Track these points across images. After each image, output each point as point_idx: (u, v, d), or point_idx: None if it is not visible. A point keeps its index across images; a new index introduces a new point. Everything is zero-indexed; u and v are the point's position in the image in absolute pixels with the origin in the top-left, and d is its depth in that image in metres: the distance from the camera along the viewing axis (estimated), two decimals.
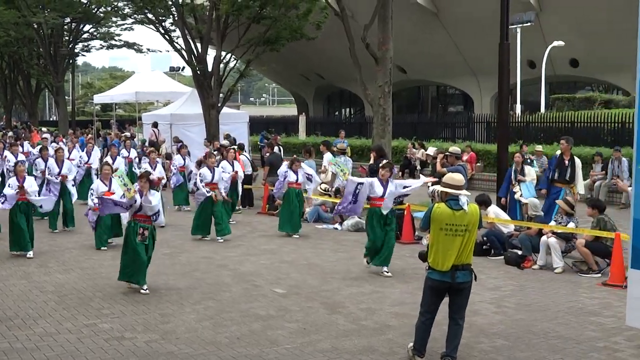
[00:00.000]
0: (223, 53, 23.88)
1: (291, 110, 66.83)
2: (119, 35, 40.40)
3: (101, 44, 41.44)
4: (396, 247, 10.76)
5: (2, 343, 7.19)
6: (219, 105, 23.84)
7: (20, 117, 62.88)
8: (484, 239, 11.75)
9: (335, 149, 17.93)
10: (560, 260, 10.58)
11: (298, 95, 56.62)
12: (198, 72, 23.50)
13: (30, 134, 31.44)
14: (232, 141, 20.84)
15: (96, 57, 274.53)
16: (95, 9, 35.22)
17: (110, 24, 38.45)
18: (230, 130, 24.35)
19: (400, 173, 22.33)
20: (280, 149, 21.39)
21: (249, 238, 13.57)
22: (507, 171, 13.80)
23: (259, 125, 36.40)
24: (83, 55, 57.61)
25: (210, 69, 23.69)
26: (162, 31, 24.52)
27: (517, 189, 13.58)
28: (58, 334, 7.50)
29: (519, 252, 11.13)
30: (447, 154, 13.79)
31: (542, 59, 32.34)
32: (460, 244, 6.31)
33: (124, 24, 37.51)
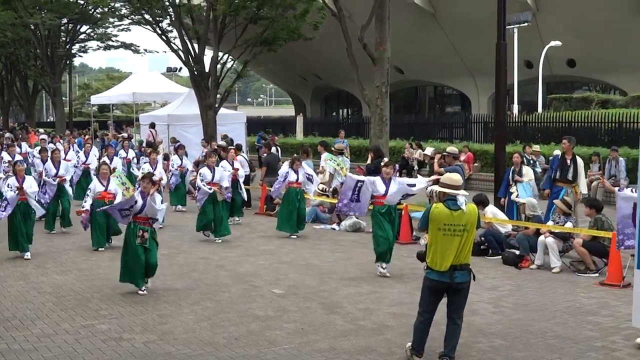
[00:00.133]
0: (220, 54, 23.88)
1: (289, 110, 66.86)
2: (116, 36, 40.51)
3: (98, 45, 41.52)
4: (394, 247, 10.73)
5: (0, 344, 7.18)
6: (217, 105, 23.83)
7: (18, 119, 62.87)
8: (482, 238, 11.76)
9: (333, 149, 17.94)
10: (557, 260, 10.59)
11: (295, 95, 56.59)
12: (195, 72, 23.50)
13: (28, 135, 31.42)
14: (230, 142, 20.84)
15: (93, 58, 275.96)
16: (92, 10, 35.24)
17: (107, 24, 38.45)
18: (228, 130, 24.35)
19: (397, 173, 22.30)
20: (278, 150, 21.39)
21: (247, 238, 13.56)
22: (506, 171, 13.81)
23: (256, 125, 36.37)
24: (80, 56, 57.66)
25: (207, 70, 23.69)
26: (159, 32, 24.51)
27: (514, 189, 13.58)
28: (56, 335, 7.49)
29: (517, 252, 11.13)
30: (444, 154, 13.80)
31: (539, 59, 32.36)
32: (459, 244, 6.31)
33: (121, 25, 37.56)
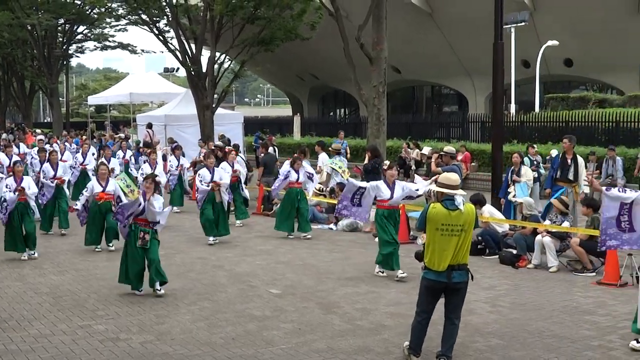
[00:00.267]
0: (217, 54, 23.87)
1: (286, 110, 66.82)
2: (113, 36, 40.48)
3: (95, 45, 41.46)
4: None
5: None
6: (214, 105, 23.81)
7: (15, 119, 62.76)
8: (479, 238, 11.76)
9: (330, 149, 17.95)
10: (554, 259, 10.59)
11: (293, 95, 56.61)
12: (192, 72, 23.49)
13: (25, 136, 31.40)
14: (227, 142, 20.83)
15: (90, 58, 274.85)
16: (89, 10, 35.23)
17: (104, 25, 38.46)
18: (225, 130, 24.34)
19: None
20: (275, 150, 21.38)
21: (244, 239, 13.55)
22: (506, 172, 13.83)
23: (253, 125, 36.39)
24: (77, 56, 57.53)
25: (204, 70, 23.67)
26: (156, 32, 24.50)
27: (511, 189, 13.59)
28: (53, 335, 7.48)
29: (514, 252, 11.13)
30: (441, 153, 13.84)
31: (536, 59, 32.43)
32: (457, 244, 6.30)
33: (118, 25, 37.59)
